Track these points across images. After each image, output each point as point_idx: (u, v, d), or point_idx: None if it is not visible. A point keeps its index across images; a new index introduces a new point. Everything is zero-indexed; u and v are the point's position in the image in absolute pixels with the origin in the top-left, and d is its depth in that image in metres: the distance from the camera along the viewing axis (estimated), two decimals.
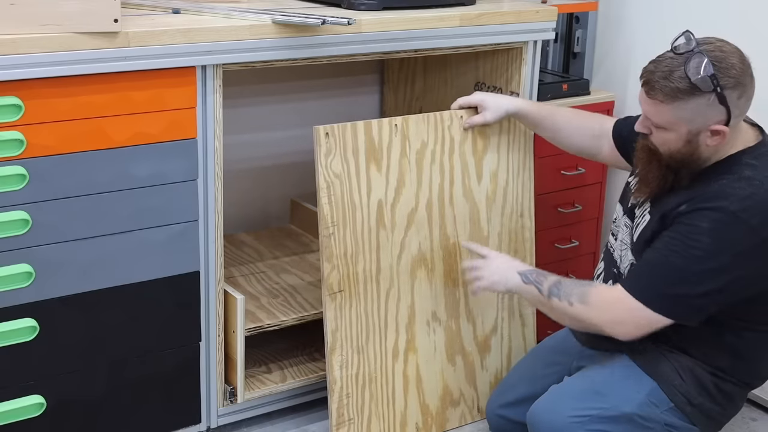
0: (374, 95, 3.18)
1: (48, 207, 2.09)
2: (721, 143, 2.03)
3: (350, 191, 2.37)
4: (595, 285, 2.17)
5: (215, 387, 2.43)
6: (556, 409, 2.15)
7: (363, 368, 2.42)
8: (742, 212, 1.97)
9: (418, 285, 2.48)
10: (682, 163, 2.05)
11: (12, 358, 2.12)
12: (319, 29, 2.28)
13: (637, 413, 2.10)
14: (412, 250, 2.45)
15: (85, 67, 2.04)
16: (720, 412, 2.16)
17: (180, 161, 2.23)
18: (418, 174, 2.45)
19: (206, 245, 2.31)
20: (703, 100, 1.96)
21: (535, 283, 2.21)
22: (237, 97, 2.83)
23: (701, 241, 1.98)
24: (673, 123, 2.01)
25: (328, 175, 2.35)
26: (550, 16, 2.67)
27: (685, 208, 2.03)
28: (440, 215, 2.50)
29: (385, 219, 2.41)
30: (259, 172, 3.01)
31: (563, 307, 2.14)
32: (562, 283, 2.17)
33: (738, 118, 2.03)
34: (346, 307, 2.37)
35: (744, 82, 1.98)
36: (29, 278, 2.10)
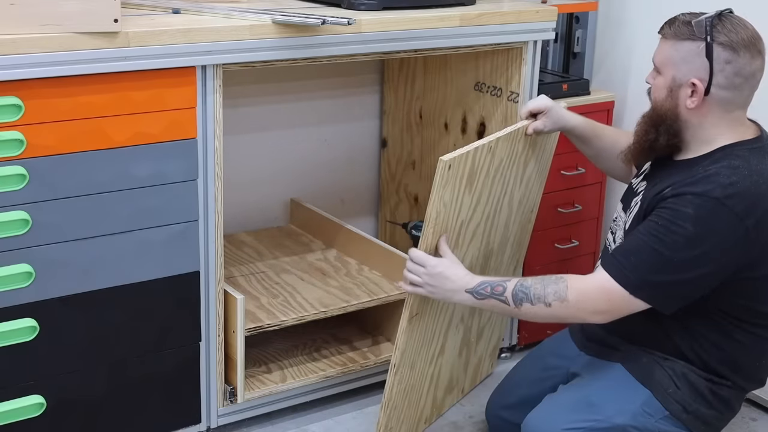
0: (374, 95, 3.18)
1: (48, 207, 2.09)
2: (701, 110, 2.03)
3: (447, 218, 2.22)
4: (565, 278, 2.07)
5: (215, 387, 2.43)
6: (550, 421, 2.13)
7: (410, 380, 2.38)
8: (726, 199, 1.95)
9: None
10: (663, 119, 2.08)
11: (12, 358, 2.12)
12: (319, 29, 2.28)
13: (630, 424, 2.09)
14: (466, 262, 2.33)
15: (85, 67, 2.04)
16: (717, 417, 2.15)
17: (180, 161, 2.23)
18: (490, 189, 2.34)
19: (206, 245, 2.31)
20: (694, 46, 2.01)
21: (493, 295, 2.11)
22: (237, 97, 2.83)
23: (685, 228, 1.96)
24: (665, 62, 2.06)
25: (440, 205, 2.16)
26: (550, 16, 2.67)
27: (669, 191, 2.02)
28: (491, 225, 2.42)
29: (460, 239, 2.30)
30: (259, 172, 3.01)
31: (538, 309, 2.08)
32: (528, 286, 2.09)
33: (724, 92, 2.01)
34: (415, 328, 2.29)
35: (739, 52, 1.99)
36: (29, 278, 2.10)
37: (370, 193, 3.27)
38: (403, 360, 2.28)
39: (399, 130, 3.17)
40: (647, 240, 2.00)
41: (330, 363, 2.66)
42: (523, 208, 2.57)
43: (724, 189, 1.96)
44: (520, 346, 2.98)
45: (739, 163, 2.00)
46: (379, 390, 2.76)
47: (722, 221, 1.96)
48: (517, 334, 2.96)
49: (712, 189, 1.96)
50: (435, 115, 3.03)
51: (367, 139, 3.20)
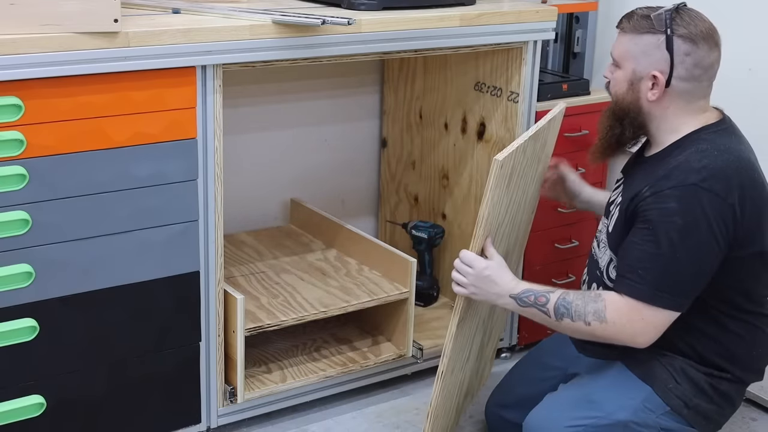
0: (374, 95, 3.18)
1: (48, 207, 2.09)
2: (662, 102, 2.07)
3: (494, 219, 2.18)
4: (603, 297, 2.06)
5: (215, 387, 2.43)
6: (552, 419, 2.14)
7: (450, 387, 2.34)
8: (702, 182, 1.97)
9: None
10: (626, 112, 2.11)
11: (12, 358, 2.12)
12: (319, 29, 2.28)
13: (632, 420, 2.09)
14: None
15: (85, 67, 2.04)
16: (718, 411, 2.15)
17: (180, 161, 2.23)
18: (516, 188, 2.30)
19: (206, 245, 2.31)
20: (653, 39, 2.05)
21: (536, 306, 2.11)
22: (237, 97, 2.83)
23: (674, 222, 1.98)
24: (624, 56, 2.10)
25: (491, 206, 2.11)
26: (550, 16, 2.67)
27: (647, 191, 2.03)
28: (513, 226, 2.39)
29: (496, 240, 2.26)
30: (259, 172, 3.01)
31: (578, 326, 2.07)
32: (570, 302, 2.08)
33: (684, 83, 2.05)
34: (460, 334, 2.24)
35: (699, 44, 2.03)
36: (29, 278, 2.10)
37: (370, 193, 3.28)
38: (448, 366, 2.22)
39: (399, 130, 3.17)
40: (644, 247, 2.01)
41: (330, 363, 2.66)
42: (531, 208, 2.56)
43: (698, 173, 1.98)
44: (520, 346, 2.98)
45: (706, 146, 2.03)
46: (379, 390, 2.77)
47: (706, 204, 1.97)
48: (517, 334, 2.96)
49: (687, 177, 1.99)
50: (435, 115, 3.03)
51: (367, 139, 3.20)
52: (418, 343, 2.76)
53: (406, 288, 2.68)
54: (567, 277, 2.93)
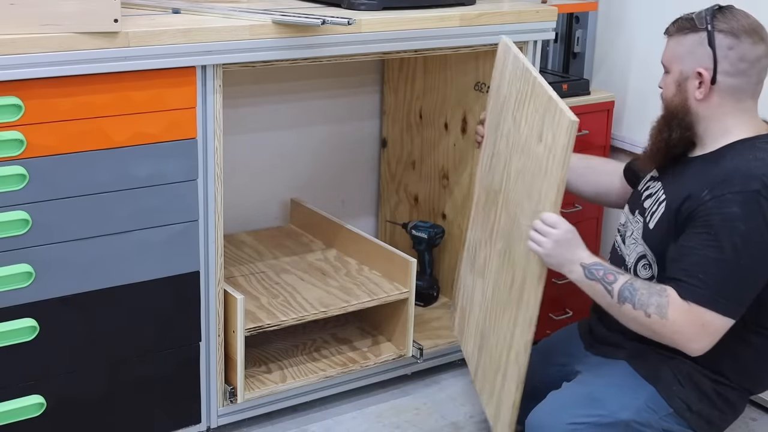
0: (374, 95, 3.18)
1: (48, 207, 2.09)
2: (711, 100, 2.06)
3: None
4: (668, 293, 2.01)
5: (215, 387, 2.43)
6: (555, 415, 2.13)
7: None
8: (764, 189, 1.97)
9: None
10: (674, 114, 2.10)
11: (12, 358, 2.12)
12: (319, 29, 2.28)
13: (634, 419, 2.09)
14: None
15: (85, 67, 2.04)
16: (720, 417, 2.15)
17: (180, 161, 2.23)
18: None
19: (206, 245, 2.31)
20: (696, 37, 2.06)
21: (602, 281, 2.07)
22: (237, 97, 2.83)
23: (737, 227, 1.96)
24: (671, 59, 2.11)
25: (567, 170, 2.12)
26: (550, 16, 2.67)
27: (707, 195, 2.01)
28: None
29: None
30: (259, 172, 3.01)
31: (638, 315, 2.03)
32: (635, 289, 2.04)
33: (731, 78, 2.04)
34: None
35: (741, 37, 2.03)
36: (29, 278, 2.10)
37: (370, 193, 3.27)
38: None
39: (399, 130, 3.17)
40: (705, 252, 1.99)
41: (330, 363, 2.66)
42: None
43: (761, 180, 1.98)
44: None
45: (764, 155, 2.02)
46: (379, 390, 2.77)
47: (767, 213, 1.97)
48: None
49: (749, 183, 1.98)
50: (435, 115, 3.03)
51: (367, 139, 3.20)
52: (418, 343, 2.76)
53: (406, 288, 2.68)
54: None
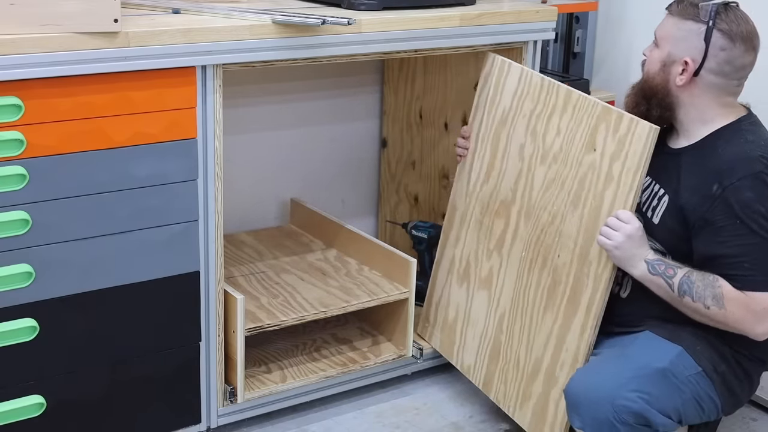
0: (374, 95, 3.18)
1: (48, 207, 2.09)
2: (690, 90, 2.13)
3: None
4: (720, 284, 2.09)
5: (215, 387, 2.43)
6: (596, 375, 2.17)
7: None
8: (766, 168, 2.05)
9: None
10: (654, 92, 2.18)
11: (12, 358, 2.12)
12: (319, 29, 2.28)
13: (668, 368, 2.12)
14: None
15: (85, 67, 2.04)
16: (740, 386, 2.18)
17: (180, 161, 2.23)
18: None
19: (206, 245, 2.31)
20: (695, 26, 2.11)
21: (664, 276, 2.14)
22: (237, 97, 2.83)
23: (759, 210, 2.05)
24: (665, 37, 2.17)
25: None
26: (550, 16, 2.67)
27: (717, 189, 2.08)
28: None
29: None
30: (259, 172, 3.01)
31: (698, 307, 2.11)
32: (693, 281, 2.11)
33: (712, 76, 2.11)
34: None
35: (735, 42, 2.09)
36: (29, 278, 2.10)
37: (370, 193, 3.28)
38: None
39: (399, 130, 3.17)
40: (740, 241, 2.07)
41: (330, 363, 2.66)
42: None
43: (760, 162, 2.06)
44: None
45: (753, 137, 2.11)
46: (379, 390, 2.77)
47: None
48: None
49: (752, 166, 2.06)
50: (435, 115, 3.03)
51: (367, 139, 3.20)
52: (418, 343, 2.76)
53: (406, 288, 2.68)
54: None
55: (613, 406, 2.08)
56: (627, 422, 2.08)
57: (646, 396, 2.09)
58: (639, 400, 2.08)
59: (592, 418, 2.12)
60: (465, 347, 2.65)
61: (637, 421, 2.09)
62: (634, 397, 2.08)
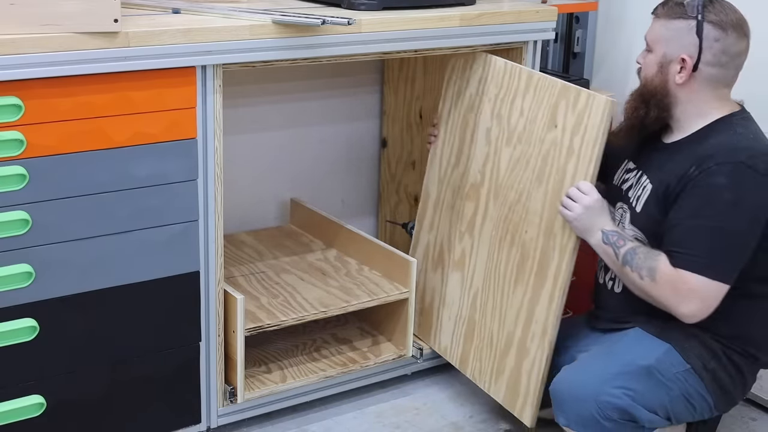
0: (374, 95, 3.18)
1: (48, 207, 2.09)
2: (689, 86, 2.14)
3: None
4: (659, 260, 2.13)
5: (215, 387, 2.43)
6: (580, 373, 2.20)
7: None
8: (749, 160, 2.06)
9: None
10: (652, 94, 2.19)
11: (12, 358, 2.12)
12: (319, 29, 2.28)
13: (654, 366, 2.14)
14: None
15: (85, 67, 2.04)
16: (732, 384, 2.19)
17: (180, 161, 2.23)
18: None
19: (206, 245, 2.31)
20: (685, 24, 2.13)
21: (614, 246, 2.21)
22: (237, 97, 2.83)
23: (723, 197, 2.06)
24: (656, 39, 2.19)
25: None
26: (550, 16, 2.67)
27: (694, 170, 2.10)
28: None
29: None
30: (259, 172, 3.01)
31: (634, 278, 2.17)
32: (637, 253, 2.17)
33: (710, 68, 2.13)
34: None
35: (728, 31, 2.11)
36: (29, 278, 2.10)
37: (370, 193, 3.27)
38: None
39: (399, 130, 3.17)
40: (695, 222, 2.09)
41: (330, 363, 2.66)
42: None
43: (744, 152, 2.07)
44: None
45: (743, 130, 2.13)
46: (379, 390, 2.77)
47: (752, 180, 2.06)
48: None
49: (734, 154, 2.07)
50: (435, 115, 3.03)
51: (367, 139, 3.20)
52: (418, 343, 2.76)
53: (406, 288, 2.68)
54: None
55: (596, 402, 2.12)
56: (611, 418, 2.12)
57: (630, 392, 2.12)
58: (623, 396, 2.12)
59: (577, 414, 2.16)
60: (441, 329, 2.74)
61: (622, 417, 2.12)
62: (618, 393, 2.12)
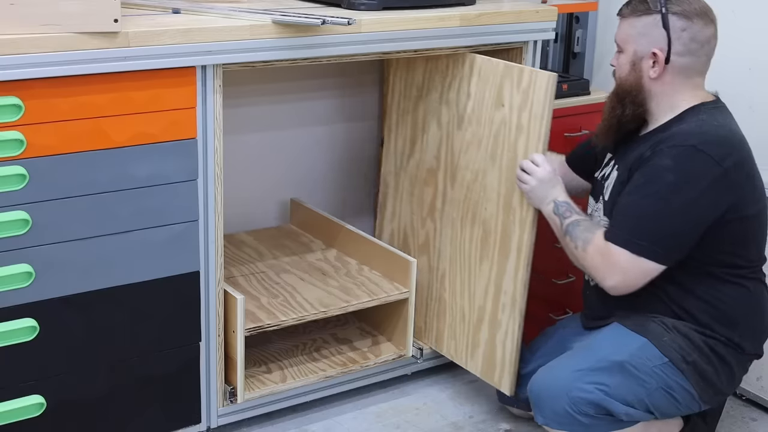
0: (374, 95, 3.18)
1: (48, 207, 2.09)
2: (663, 79, 2.17)
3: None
4: (595, 232, 2.21)
5: (215, 387, 2.43)
6: (554, 370, 2.24)
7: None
8: (701, 145, 2.09)
9: None
10: (627, 92, 2.22)
11: (12, 358, 2.12)
12: (319, 29, 2.28)
13: (628, 361, 2.16)
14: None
15: (85, 67, 2.04)
16: (716, 375, 2.19)
17: (180, 161, 2.23)
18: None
19: (206, 245, 2.31)
20: (650, 19, 2.17)
21: (561, 216, 2.29)
22: (237, 97, 2.83)
23: (665, 178, 2.09)
24: (625, 40, 2.22)
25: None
26: (550, 16, 2.67)
27: (648, 152, 2.15)
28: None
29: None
30: (259, 172, 3.01)
31: (571, 247, 2.26)
32: (579, 224, 2.25)
33: (682, 58, 2.16)
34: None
35: (693, 19, 2.14)
36: (29, 278, 2.10)
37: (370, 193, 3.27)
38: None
39: None
40: (632, 198, 2.14)
41: (330, 363, 2.67)
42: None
43: (697, 137, 2.10)
44: None
45: (706, 117, 2.16)
46: (379, 390, 2.77)
47: (700, 165, 2.08)
48: None
49: (686, 139, 2.11)
50: None
51: (367, 139, 3.20)
52: (418, 343, 2.76)
53: (406, 288, 2.68)
54: (567, 277, 2.93)
55: (569, 398, 2.15)
56: (586, 413, 2.15)
57: (603, 387, 2.15)
58: (596, 390, 2.14)
59: (552, 411, 2.19)
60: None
61: (597, 412, 2.15)
62: (590, 389, 2.15)
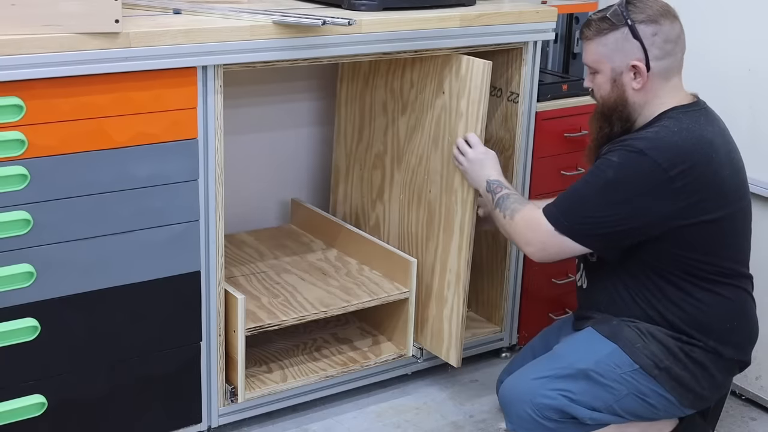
0: None
1: (49, 207, 2.09)
2: (646, 87, 2.16)
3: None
4: (529, 206, 2.29)
5: (216, 386, 2.43)
6: (521, 375, 2.26)
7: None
8: (648, 149, 2.09)
9: None
10: (613, 109, 2.20)
11: (13, 357, 2.13)
12: (320, 30, 2.29)
13: (592, 369, 2.16)
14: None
15: (86, 68, 2.05)
16: (694, 380, 2.17)
17: (181, 161, 2.23)
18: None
19: (207, 245, 2.31)
20: (618, 34, 2.15)
21: (492, 192, 2.37)
22: (237, 97, 2.83)
23: (606, 173, 2.12)
24: (598, 61, 2.19)
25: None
26: (550, 16, 2.67)
27: (606, 149, 2.18)
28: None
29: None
30: (259, 172, 3.01)
31: (500, 218, 2.32)
32: (509, 197, 2.33)
33: (661, 62, 2.15)
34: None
35: (660, 21, 2.13)
36: (30, 278, 2.10)
37: None
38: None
39: None
40: (577, 183, 2.19)
41: (330, 363, 2.67)
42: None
43: (649, 141, 2.10)
44: (520, 346, 2.98)
45: (670, 123, 2.14)
46: (379, 389, 2.77)
47: (643, 170, 2.08)
48: (518, 334, 2.97)
49: (637, 142, 2.11)
50: None
51: None
52: (418, 343, 2.76)
53: (406, 288, 2.68)
54: (567, 277, 2.94)
55: (532, 404, 2.17)
56: (551, 418, 2.16)
57: (567, 393, 2.16)
58: (559, 396, 2.15)
59: (517, 416, 2.21)
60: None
61: (562, 417, 2.17)
62: (553, 395, 2.16)
